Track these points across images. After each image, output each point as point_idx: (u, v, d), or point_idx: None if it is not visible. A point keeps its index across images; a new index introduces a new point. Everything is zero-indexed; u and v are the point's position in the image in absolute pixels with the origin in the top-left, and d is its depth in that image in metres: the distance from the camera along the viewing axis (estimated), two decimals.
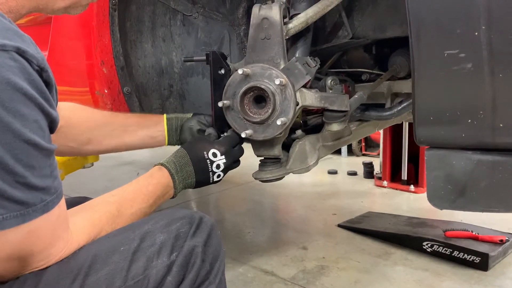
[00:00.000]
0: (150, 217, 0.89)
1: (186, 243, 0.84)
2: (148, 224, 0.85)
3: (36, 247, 0.72)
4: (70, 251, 0.77)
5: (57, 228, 0.75)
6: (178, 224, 0.85)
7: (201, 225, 0.88)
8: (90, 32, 1.40)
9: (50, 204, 0.71)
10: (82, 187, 3.34)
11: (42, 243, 0.73)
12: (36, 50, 0.70)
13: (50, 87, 0.72)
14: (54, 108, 0.73)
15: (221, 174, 1.15)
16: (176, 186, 1.08)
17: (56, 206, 0.73)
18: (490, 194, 0.94)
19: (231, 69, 1.26)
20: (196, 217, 0.88)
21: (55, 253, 0.75)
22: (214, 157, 1.13)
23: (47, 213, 0.71)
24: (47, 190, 0.71)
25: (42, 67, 0.70)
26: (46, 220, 0.71)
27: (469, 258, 1.93)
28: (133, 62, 1.55)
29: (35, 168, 0.69)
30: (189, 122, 1.30)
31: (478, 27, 0.83)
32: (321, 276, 1.91)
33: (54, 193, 0.72)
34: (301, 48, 1.29)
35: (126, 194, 0.96)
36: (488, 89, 0.85)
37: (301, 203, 3.03)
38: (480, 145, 0.92)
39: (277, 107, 1.14)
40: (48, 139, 0.72)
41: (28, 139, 0.67)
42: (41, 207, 0.70)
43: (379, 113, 1.40)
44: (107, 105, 1.46)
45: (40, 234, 0.72)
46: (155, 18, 1.56)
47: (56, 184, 0.73)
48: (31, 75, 0.67)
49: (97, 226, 0.84)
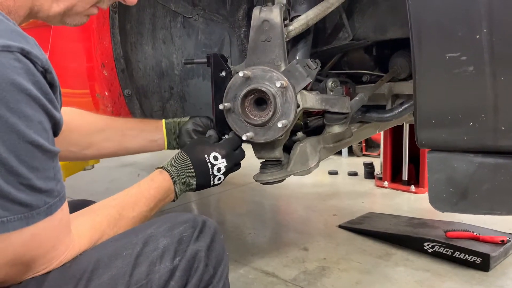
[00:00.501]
0: (153, 221, 0.89)
1: (189, 247, 0.83)
2: (151, 228, 0.85)
3: (39, 251, 0.72)
4: (71, 255, 0.77)
5: (60, 232, 0.75)
6: (181, 228, 0.85)
7: (204, 229, 0.88)
8: (90, 34, 1.40)
9: (53, 207, 0.71)
10: (83, 189, 3.34)
11: (45, 247, 0.73)
12: (40, 51, 0.70)
13: (54, 88, 0.72)
14: (58, 110, 0.73)
15: (221, 177, 1.16)
16: (177, 190, 1.08)
17: (59, 209, 0.72)
18: (492, 197, 0.94)
19: (232, 71, 1.26)
20: (199, 221, 0.88)
21: (57, 256, 0.75)
22: (215, 160, 1.13)
23: (50, 216, 0.71)
24: (50, 192, 0.70)
25: (46, 69, 0.69)
26: (49, 223, 0.71)
27: (470, 259, 1.93)
28: (134, 65, 1.55)
29: (39, 170, 0.68)
30: (186, 125, 1.30)
31: (479, 30, 0.82)
32: (322, 277, 1.90)
33: (57, 196, 0.72)
34: (301, 50, 1.29)
35: (128, 198, 0.96)
36: (490, 92, 0.85)
37: (301, 204, 3.03)
38: (482, 148, 0.92)
39: (278, 110, 1.14)
40: (51, 141, 0.72)
41: (33, 141, 0.67)
42: (45, 210, 0.70)
43: (380, 114, 1.40)
44: (107, 107, 1.46)
45: (43, 237, 0.72)
46: (155, 20, 1.56)
47: (59, 187, 0.73)
48: (35, 76, 0.67)
49: (98, 230, 0.84)
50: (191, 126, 1.29)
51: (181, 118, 1.34)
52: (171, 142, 1.31)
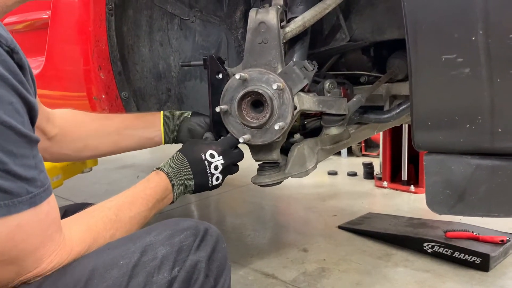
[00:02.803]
0: (153, 227, 0.86)
1: (189, 257, 0.81)
2: (150, 236, 0.82)
3: (27, 246, 0.69)
4: (62, 255, 0.74)
5: (48, 227, 0.72)
6: (181, 236, 0.82)
7: (206, 237, 0.85)
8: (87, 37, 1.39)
9: (37, 197, 0.68)
10: (82, 191, 3.34)
11: (32, 242, 0.70)
12: (5, 32, 0.66)
13: (23, 70, 0.68)
14: (30, 94, 0.69)
15: (219, 176, 1.14)
16: (175, 190, 1.07)
17: (45, 201, 0.70)
18: (489, 199, 0.93)
19: (229, 73, 1.25)
20: (201, 229, 0.85)
21: (47, 254, 0.72)
22: (211, 158, 1.12)
23: (35, 208, 0.68)
24: (32, 181, 0.67)
25: (12, 48, 0.65)
26: (35, 216, 0.68)
27: (470, 259, 1.92)
28: (131, 67, 1.55)
29: (16, 156, 0.65)
30: (188, 123, 1.29)
31: (475, 31, 0.82)
32: (322, 278, 1.90)
33: (41, 187, 0.69)
34: (298, 51, 1.29)
35: (124, 198, 0.94)
36: (486, 94, 0.85)
37: (301, 204, 3.03)
38: (479, 150, 0.91)
39: (275, 112, 1.14)
40: (28, 126, 0.68)
41: (3, 121, 0.62)
42: (28, 199, 0.67)
43: (377, 115, 1.40)
44: (104, 110, 1.45)
45: (30, 230, 0.69)
46: (152, 23, 1.56)
47: (42, 178, 0.70)
48: (1, 55, 0.63)
49: (93, 232, 0.81)
50: (194, 126, 1.28)
51: (182, 112, 1.32)
52: (168, 137, 1.30)
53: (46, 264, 0.72)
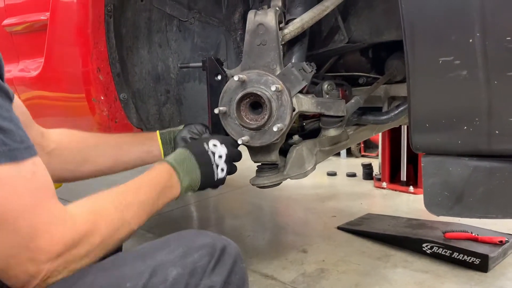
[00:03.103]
0: (166, 242, 0.80)
1: (203, 281, 0.74)
2: (161, 253, 0.76)
3: (15, 205, 0.64)
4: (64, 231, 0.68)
5: (37, 189, 0.67)
6: (195, 256, 0.76)
7: (223, 257, 0.78)
8: (85, 39, 1.40)
9: (17, 152, 0.65)
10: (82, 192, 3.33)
11: (21, 202, 0.65)
12: None
13: None
14: None
15: (224, 167, 1.11)
16: (180, 178, 1.01)
17: (28, 159, 0.66)
18: (487, 201, 0.93)
19: (228, 75, 1.26)
20: (218, 247, 0.78)
21: (42, 222, 0.66)
22: (214, 147, 1.10)
23: (17, 164, 0.64)
24: (8, 133, 0.64)
25: None
26: (17, 172, 0.64)
27: (469, 260, 1.93)
28: (130, 69, 1.55)
29: None
30: (181, 133, 1.29)
31: (472, 34, 0.82)
32: (321, 280, 1.90)
33: (21, 143, 0.66)
34: (297, 53, 1.29)
35: (130, 184, 0.90)
36: (484, 96, 0.85)
37: (300, 205, 3.03)
38: (476, 152, 0.92)
39: (274, 113, 1.14)
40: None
41: None
42: (6, 152, 0.63)
43: (376, 117, 1.40)
44: (103, 112, 1.45)
45: (14, 188, 0.64)
46: (151, 24, 1.56)
47: (21, 134, 0.66)
48: None
49: (101, 212, 0.77)
50: (186, 134, 1.28)
51: (175, 127, 1.33)
52: (167, 151, 1.29)
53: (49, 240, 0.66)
